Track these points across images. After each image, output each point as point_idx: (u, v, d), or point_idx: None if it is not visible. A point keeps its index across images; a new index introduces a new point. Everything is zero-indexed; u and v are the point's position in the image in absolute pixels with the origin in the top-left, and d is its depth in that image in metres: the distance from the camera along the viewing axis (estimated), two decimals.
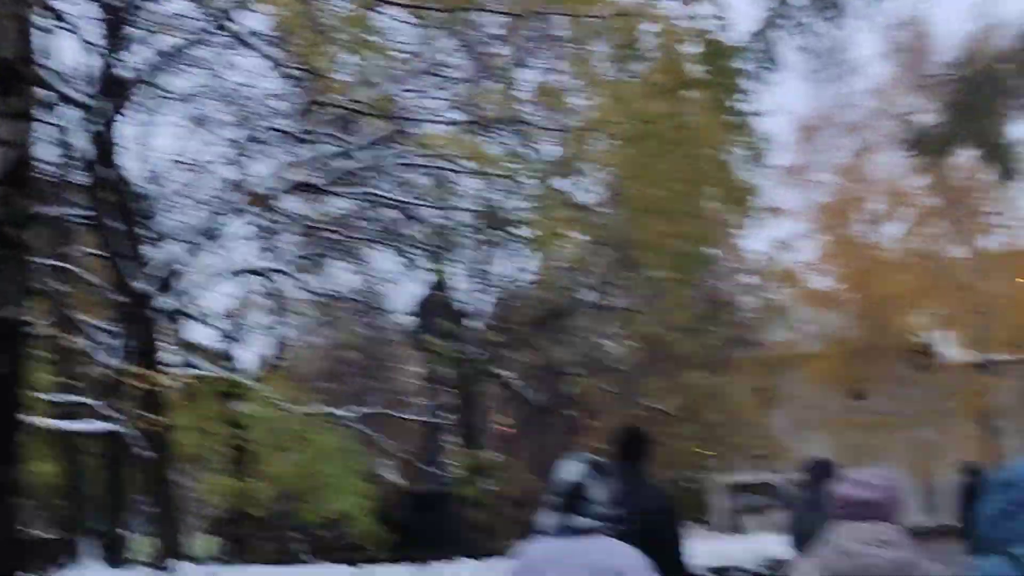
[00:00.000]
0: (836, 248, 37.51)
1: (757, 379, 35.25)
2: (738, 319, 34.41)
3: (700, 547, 6.12)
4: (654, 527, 5.36)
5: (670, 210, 9.52)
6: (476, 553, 13.74)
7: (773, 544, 19.42)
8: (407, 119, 11.62)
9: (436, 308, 17.87)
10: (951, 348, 38.33)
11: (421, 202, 14.22)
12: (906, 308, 36.23)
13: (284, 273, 17.66)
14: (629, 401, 26.63)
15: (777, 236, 36.69)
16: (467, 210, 14.34)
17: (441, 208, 14.01)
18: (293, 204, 15.78)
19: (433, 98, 12.50)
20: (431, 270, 17.35)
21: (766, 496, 34.42)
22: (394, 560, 11.87)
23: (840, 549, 3.56)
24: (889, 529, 3.57)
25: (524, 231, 13.31)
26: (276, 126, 14.33)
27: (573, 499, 4.03)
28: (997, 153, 13.11)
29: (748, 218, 35.34)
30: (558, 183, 11.81)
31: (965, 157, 35.89)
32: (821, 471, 8.27)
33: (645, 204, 9.71)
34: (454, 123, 11.56)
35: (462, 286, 18.22)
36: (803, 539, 7.58)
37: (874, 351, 35.86)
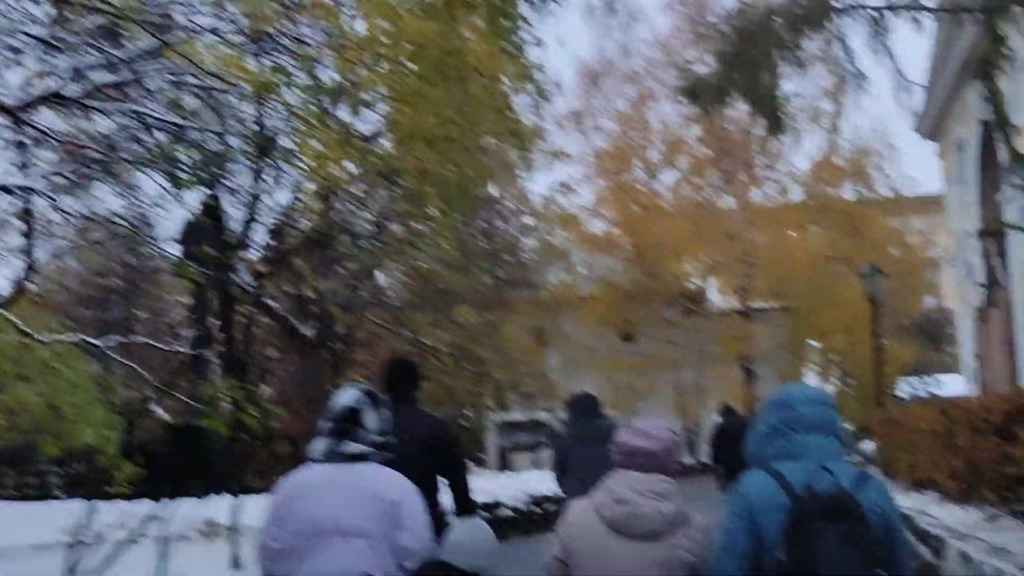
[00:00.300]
0: (613, 194, 38.30)
1: (532, 319, 35.78)
2: (516, 259, 34.79)
3: (471, 484, 5.91)
4: (432, 455, 5.41)
5: (442, 140, 9.26)
6: (236, 488, 13.28)
7: (540, 481, 19.91)
8: (172, 29, 10.84)
9: (204, 235, 17.06)
10: (718, 295, 39.88)
11: (190, 123, 13.36)
12: (677, 255, 37.39)
13: (39, 192, 16.43)
14: (401, 336, 26.41)
15: (557, 179, 37.42)
16: (238, 134, 13.61)
17: (211, 131, 13.22)
18: (49, 119, 14.58)
19: (202, 12, 11.69)
20: (200, 195, 16.53)
21: (537, 435, 35.14)
22: (149, 495, 11.29)
23: (615, 496, 3.60)
24: (664, 481, 3.63)
25: (296, 157, 12.74)
26: (28, 31, 13.14)
27: (346, 425, 3.98)
28: (768, 106, 13.33)
29: (528, 158, 35.87)
30: (332, 108, 11.32)
31: (739, 109, 37.93)
32: (584, 406, 8.27)
33: (417, 132, 9.39)
34: (223, 39, 10.84)
35: (232, 213, 17.43)
36: (565, 472, 7.81)
37: (645, 295, 36.94)
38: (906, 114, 17.97)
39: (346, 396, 4.10)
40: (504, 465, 35.58)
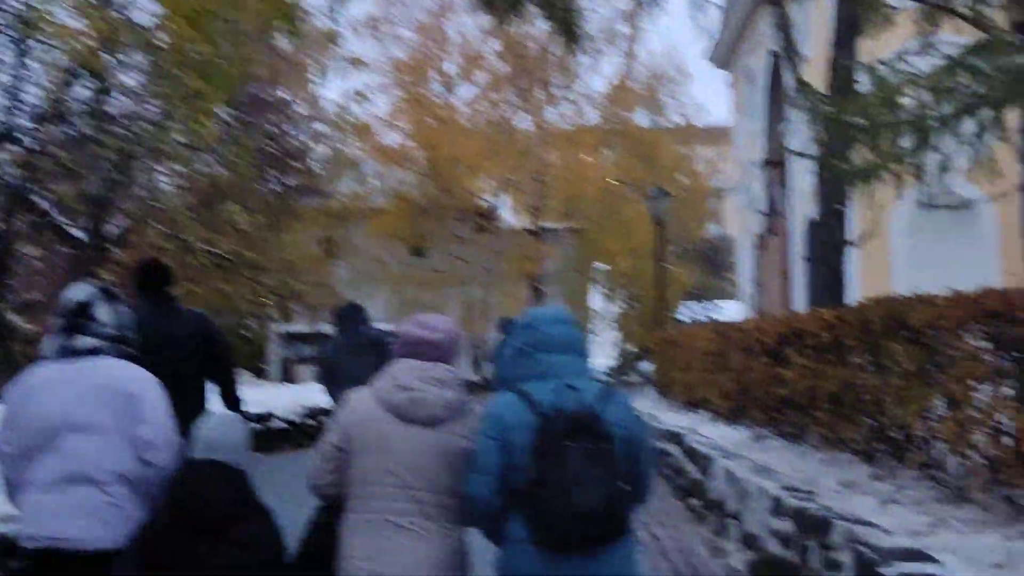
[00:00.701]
0: (408, 105, 37.53)
1: (321, 229, 34.94)
2: (305, 167, 33.79)
3: (248, 395, 6.11)
4: (194, 353, 5.38)
5: (204, 15, 8.50)
6: None
7: (316, 394, 19.36)
8: None
9: None
10: (510, 213, 39.89)
11: None
12: (471, 171, 37.09)
13: None
14: (180, 242, 25.22)
15: (352, 88, 36.38)
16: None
17: None
18: None
19: None
20: None
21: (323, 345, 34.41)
22: None
23: (397, 383, 3.63)
24: (446, 369, 3.71)
25: (63, 43, 11.62)
26: None
27: (77, 320, 3.85)
28: (562, 17, 12.96)
29: (319, 60, 34.65)
30: None
31: (538, 27, 37.94)
32: (350, 315, 8.28)
33: (177, 8, 8.60)
34: None
35: None
36: (330, 380, 7.91)
37: (438, 210, 36.59)
38: (701, 36, 17.97)
39: (77, 291, 3.94)
40: (287, 377, 34.86)
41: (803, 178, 23.12)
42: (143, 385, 3.86)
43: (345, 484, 3.67)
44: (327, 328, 35.44)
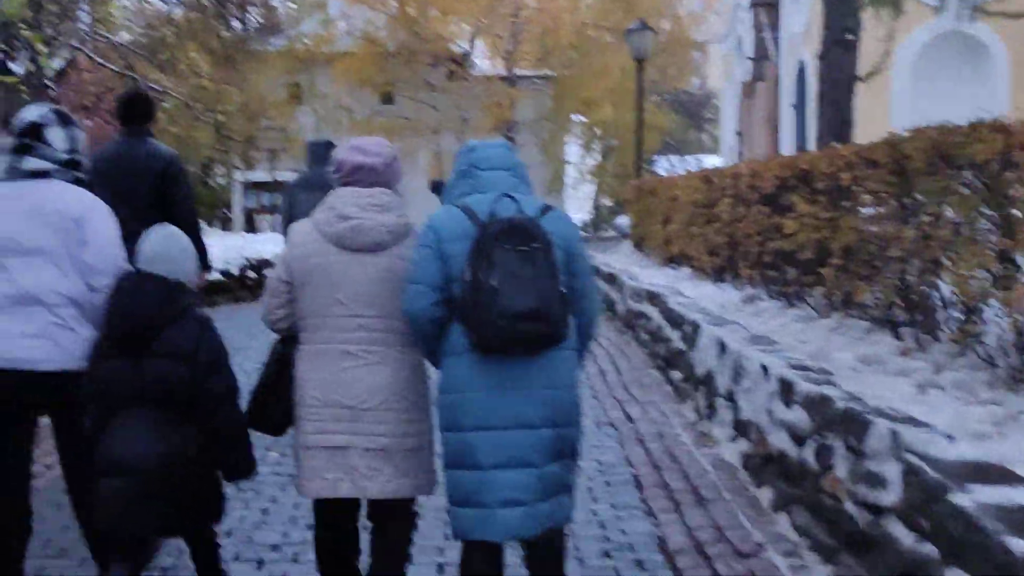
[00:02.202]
0: None
1: (284, 74, 33.20)
2: (267, 7, 32.01)
3: (197, 220, 6.11)
4: (160, 188, 5.56)
5: None
6: None
7: (265, 244, 18.24)
8: None
9: None
10: (483, 59, 38.05)
11: None
12: (443, 13, 35.08)
13: None
14: (127, 79, 23.53)
15: None
16: None
17: None
18: None
19: None
20: None
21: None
22: None
23: (337, 212, 3.57)
24: (385, 193, 3.63)
25: None
26: None
27: (27, 141, 3.78)
28: None
29: None
30: None
31: None
32: (320, 153, 8.18)
33: None
34: None
35: None
36: (292, 220, 7.35)
37: (407, 55, 34.71)
38: None
39: (30, 112, 3.85)
40: (250, 227, 33.58)
41: (796, 19, 21.55)
42: (90, 209, 3.77)
43: (296, 317, 3.66)
44: (289, 176, 34.22)
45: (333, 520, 3.73)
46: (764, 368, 5.26)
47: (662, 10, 38.39)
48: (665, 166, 44.30)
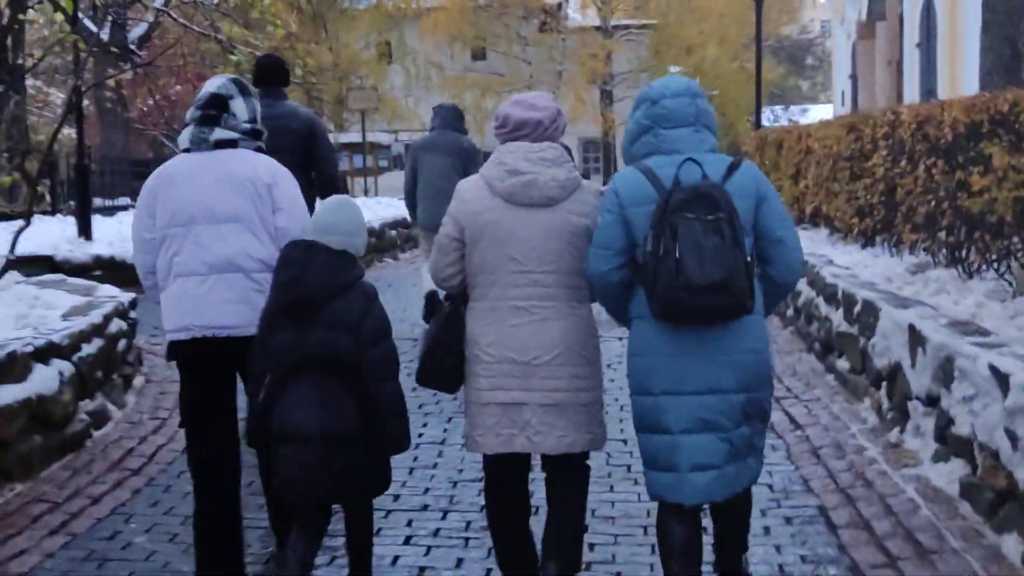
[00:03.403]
0: None
1: (374, 31, 32.29)
2: None
3: (337, 176, 6.26)
4: (301, 146, 5.79)
5: None
6: None
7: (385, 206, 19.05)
8: None
9: None
10: (576, 9, 36.67)
11: None
12: None
13: None
14: (217, 43, 22.73)
15: None
16: None
17: None
18: None
19: None
20: None
21: (378, 157, 32.25)
22: None
23: (508, 168, 3.55)
24: (553, 148, 3.60)
25: None
26: None
27: (213, 112, 3.89)
28: None
29: None
30: None
31: None
32: (448, 116, 8.93)
33: None
34: None
35: None
36: (414, 181, 8.80)
37: (498, 7, 33.51)
38: None
39: (213, 83, 3.98)
40: (344, 190, 32.77)
41: None
42: (279, 175, 3.91)
43: (467, 274, 3.64)
44: (383, 138, 33.40)
45: (505, 477, 3.69)
46: (997, 373, 4.02)
47: None
48: (769, 117, 42.55)
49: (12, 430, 5.00)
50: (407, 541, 4.42)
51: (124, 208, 19.00)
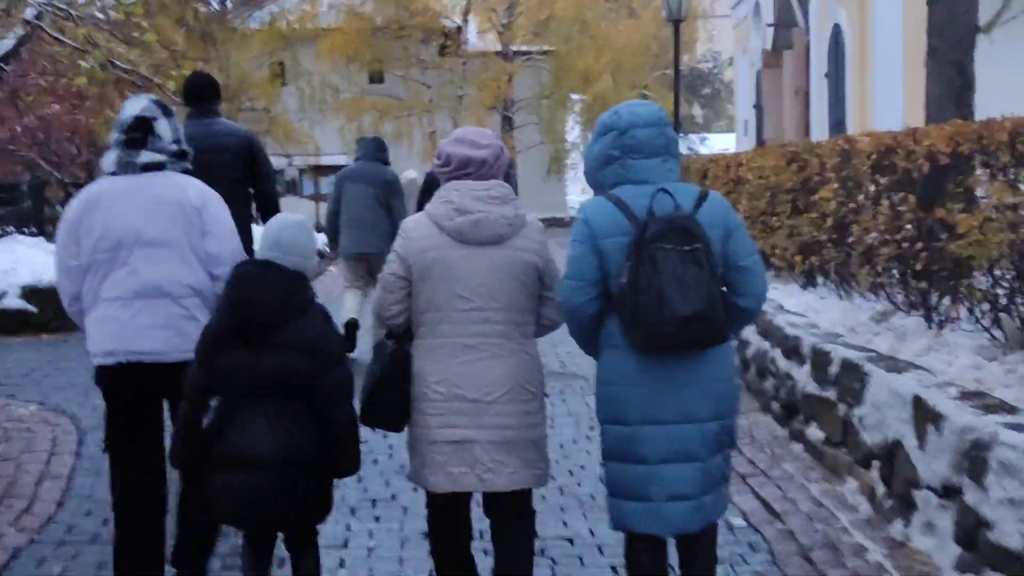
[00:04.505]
0: None
1: (267, 52, 31.05)
2: None
3: (277, 192, 6.06)
4: (239, 164, 5.74)
5: None
6: None
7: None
8: None
9: None
10: (477, 35, 35.93)
11: None
12: None
13: None
14: (87, 55, 21.36)
15: None
16: None
17: None
18: None
19: None
20: None
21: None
22: None
23: (455, 206, 3.55)
24: (500, 185, 3.63)
25: None
26: None
27: (138, 135, 3.85)
28: None
29: None
30: None
31: None
32: (371, 147, 9.40)
33: None
34: None
35: None
36: (337, 205, 9.19)
37: (396, 30, 32.54)
38: None
39: (135, 105, 3.92)
40: None
41: None
42: (207, 199, 3.88)
43: (413, 312, 3.64)
44: (278, 162, 32.11)
45: (450, 510, 3.68)
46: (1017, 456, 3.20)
47: None
48: None
49: None
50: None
51: None
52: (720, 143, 43.30)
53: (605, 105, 35.41)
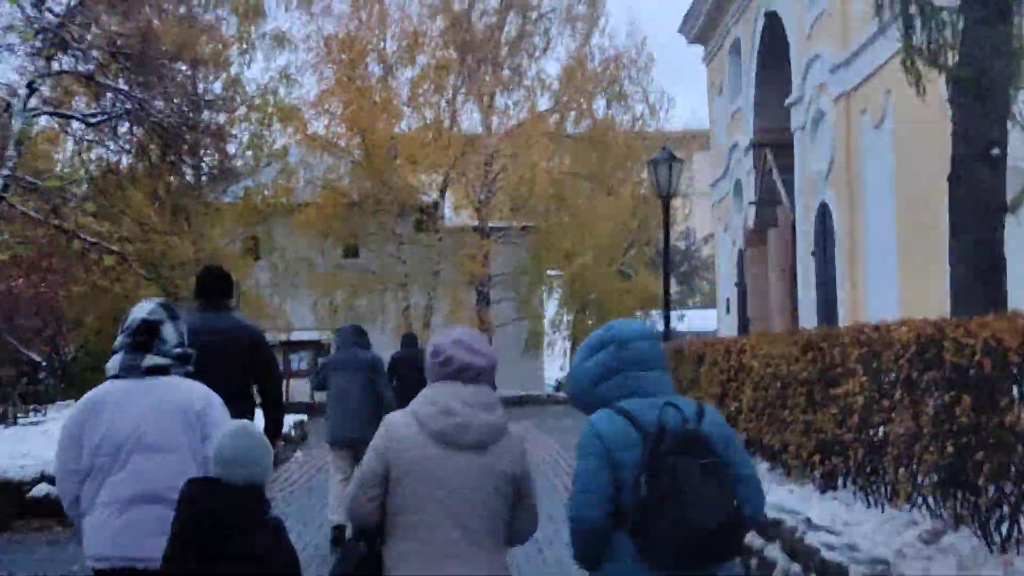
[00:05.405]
0: (341, 86, 32.99)
1: (241, 226, 30.62)
2: (224, 154, 29.86)
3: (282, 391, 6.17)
4: (245, 361, 5.71)
5: None
6: None
7: None
8: None
9: None
10: (454, 210, 35.76)
11: None
12: (410, 161, 32.82)
13: None
14: (70, 233, 20.84)
15: (278, 67, 32.39)
16: None
17: None
18: None
19: None
20: None
21: None
22: None
23: (441, 408, 3.54)
24: (490, 392, 3.63)
25: None
26: None
27: (143, 339, 3.93)
28: None
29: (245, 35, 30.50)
30: None
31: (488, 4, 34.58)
32: (348, 336, 9.56)
33: None
34: None
35: None
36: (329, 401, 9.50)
37: (372, 205, 32.36)
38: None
39: (142, 309, 4.03)
40: None
41: (815, 158, 19.16)
42: (210, 404, 3.92)
43: (388, 511, 3.55)
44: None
45: None
46: None
47: (642, 159, 36.24)
48: (647, 323, 41.86)
49: None
50: None
51: None
52: (697, 320, 42.90)
53: (584, 283, 35.20)
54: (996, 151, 7.43)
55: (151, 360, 3.90)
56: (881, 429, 6.20)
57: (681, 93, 79.17)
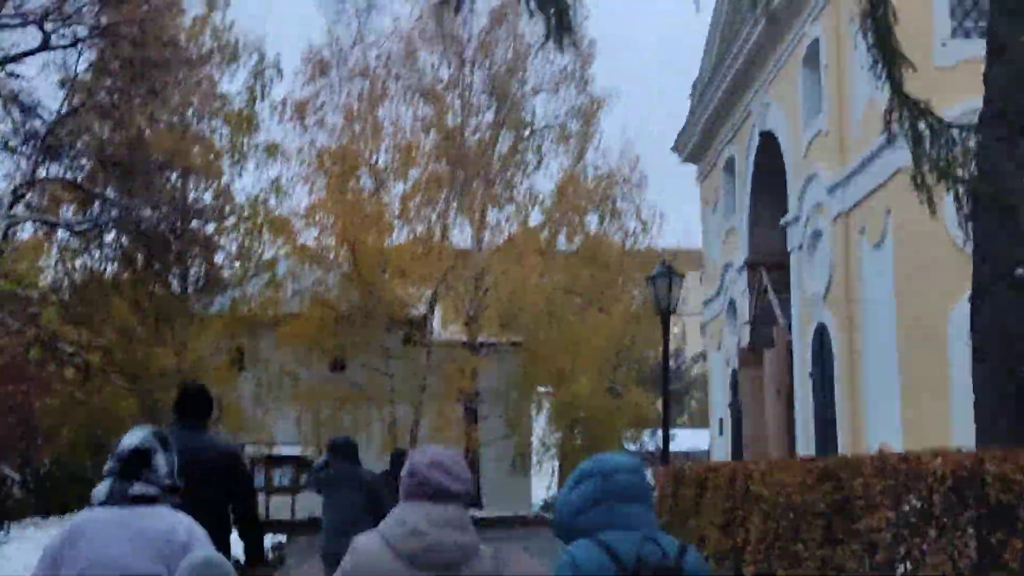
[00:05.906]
0: (332, 198, 32.87)
1: (225, 337, 30.16)
2: (210, 265, 29.72)
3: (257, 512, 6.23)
4: (221, 482, 5.70)
5: None
6: None
7: None
8: None
9: None
10: (443, 324, 35.38)
11: None
12: (400, 274, 32.52)
13: None
14: (49, 347, 20.39)
15: (270, 177, 32.30)
16: None
17: None
18: None
19: None
20: None
21: None
22: None
23: (410, 528, 3.45)
24: (462, 511, 3.55)
25: None
26: None
27: (133, 467, 3.91)
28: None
29: (237, 146, 30.50)
30: None
31: (481, 123, 34.86)
32: (341, 451, 9.38)
33: None
34: None
35: None
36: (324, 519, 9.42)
37: (360, 318, 31.93)
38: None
39: (134, 437, 4.01)
40: None
41: (812, 278, 18.91)
42: (194, 536, 3.89)
43: None
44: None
45: None
46: None
47: (634, 276, 36.01)
48: (631, 445, 41.65)
49: None
50: None
51: None
52: (685, 439, 42.42)
53: (576, 399, 34.65)
54: (1020, 271, 7.06)
55: (141, 488, 3.88)
56: (908, 566, 5.68)
57: (672, 211, 79.75)
